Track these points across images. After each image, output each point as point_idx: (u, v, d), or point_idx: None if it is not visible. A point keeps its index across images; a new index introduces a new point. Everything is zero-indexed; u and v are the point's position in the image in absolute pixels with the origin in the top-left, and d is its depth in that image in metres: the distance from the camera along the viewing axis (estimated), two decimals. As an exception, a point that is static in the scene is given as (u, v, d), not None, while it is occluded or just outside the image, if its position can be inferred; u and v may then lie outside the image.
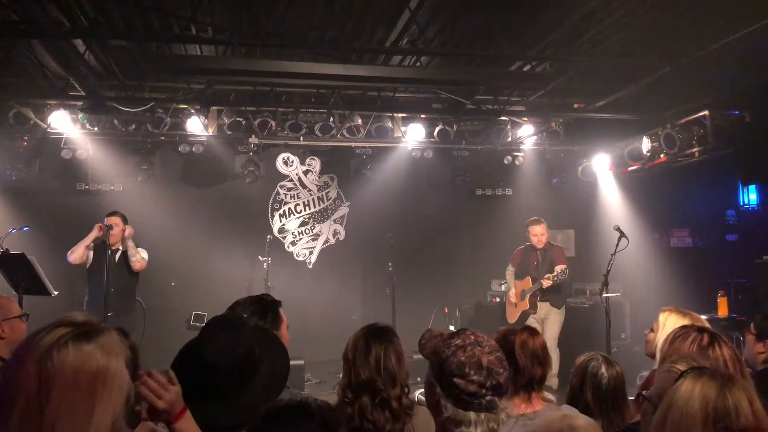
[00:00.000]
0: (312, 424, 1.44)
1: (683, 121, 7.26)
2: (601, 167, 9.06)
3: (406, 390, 2.48)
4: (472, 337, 1.85)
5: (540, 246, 7.19)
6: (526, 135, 8.57)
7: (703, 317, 3.31)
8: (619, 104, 7.23)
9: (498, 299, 8.55)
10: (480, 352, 1.80)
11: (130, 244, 6.24)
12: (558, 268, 6.89)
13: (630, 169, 8.56)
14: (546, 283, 6.80)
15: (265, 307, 2.65)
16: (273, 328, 2.57)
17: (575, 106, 7.88)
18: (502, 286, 8.37)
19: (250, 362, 1.93)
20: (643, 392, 2.11)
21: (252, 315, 2.57)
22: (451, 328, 8.72)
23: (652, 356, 3.38)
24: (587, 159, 9.20)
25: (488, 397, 1.77)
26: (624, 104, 7.28)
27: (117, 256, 6.22)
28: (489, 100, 7.78)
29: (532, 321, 6.86)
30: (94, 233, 6.09)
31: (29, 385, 1.28)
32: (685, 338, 2.50)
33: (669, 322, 3.11)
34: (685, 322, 3.02)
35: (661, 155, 7.67)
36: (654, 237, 9.05)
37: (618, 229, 6.04)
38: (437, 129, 8.26)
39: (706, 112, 6.95)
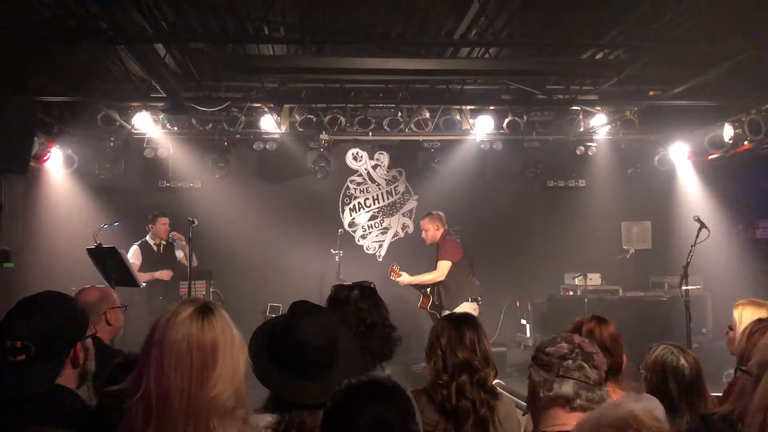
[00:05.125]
0: (390, 402, 1.49)
1: (769, 105, 6.88)
2: (679, 156, 8.73)
3: (495, 372, 2.54)
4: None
5: (428, 242, 6.77)
6: (599, 124, 8.36)
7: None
8: (697, 90, 6.93)
9: (571, 293, 8.39)
10: (573, 336, 1.95)
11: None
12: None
13: (710, 157, 8.20)
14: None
15: (374, 293, 2.75)
16: (381, 318, 2.64)
17: (651, 93, 7.59)
18: (576, 279, 8.22)
19: (335, 345, 2.02)
20: (740, 367, 2.06)
21: (360, 299, 2.65)
22: (523, 321, 8.64)
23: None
24: (664, 148, 8.89)
25: (578, 361, 1.84)
26: (703, 90, 6.97)
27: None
28: (560, 89, 7.62)
29: None
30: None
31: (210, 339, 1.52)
32: (765, 331, 2.43)
33: (746, 316, 3.01)
34: (762, 312, 2.91)
35: (745, 142, 7.30)
36: (737, 228, 8.63)
37: (698, 220, 5.82)
38: (507, 120, 8.17)
39: (794, 96, 6.57)
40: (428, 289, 6.59)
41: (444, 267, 6.40)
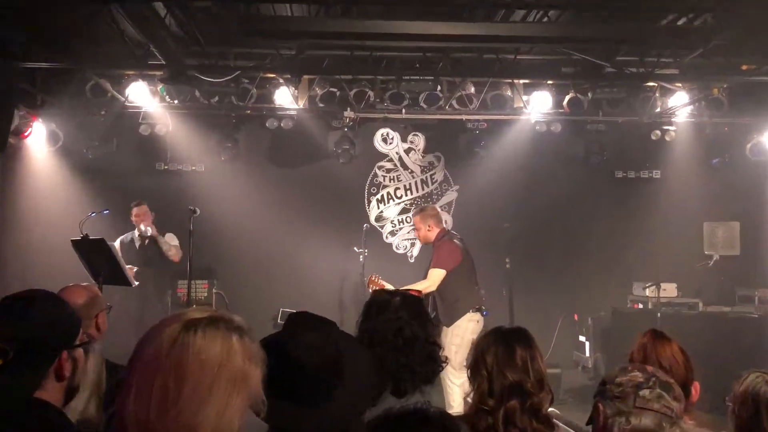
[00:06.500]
0: None
1: None
2: (777, 144, 8.57)
3: (551, 397, 2.51)
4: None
5: (421, 242, 6.70)
6: (680, 104, 8.23)
7: None
8: (802, 64, 6.78)
9: (641, 305, 8.27)
10: (644, 365, 2.00)
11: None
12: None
13: (817, 146, 8.04)
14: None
15: (419, 303, 2.76)
16: (423, 332, 2.63)
17: (743, 67, 7.46)
18: (646, 289, 8.10)
19: (338, 365, 1.99)
20: None
21: (401, 307, 2.66)
22: (582, 339, 8.56)
23: None
24: (759, 134, 8.70)
25: (657, 390, 1.84)
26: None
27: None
28: (633, 61, 7.51)
29: None
30: None
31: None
32: None
33: None
34: None
35: None
36: None
37: (799, 222, 5.69)
38: (567, 97, 8.11)
39: None
40: None
41: (435, 276, 6.21)
